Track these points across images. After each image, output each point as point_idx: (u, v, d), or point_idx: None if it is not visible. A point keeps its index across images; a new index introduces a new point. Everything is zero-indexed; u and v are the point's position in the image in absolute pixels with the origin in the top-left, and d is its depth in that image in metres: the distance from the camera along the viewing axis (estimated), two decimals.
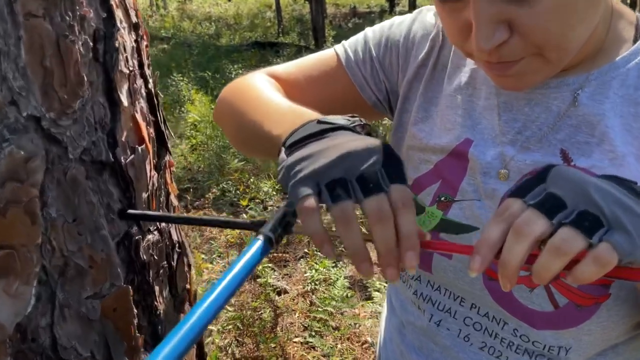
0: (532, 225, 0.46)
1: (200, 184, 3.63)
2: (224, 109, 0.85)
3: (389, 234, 0.49)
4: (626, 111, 0.63)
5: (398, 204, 0.49)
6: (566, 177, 0.48)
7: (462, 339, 0.75)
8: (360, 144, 0.52)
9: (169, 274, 0.72)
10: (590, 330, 0.65)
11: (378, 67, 0.83)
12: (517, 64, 0.60)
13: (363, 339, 2.29)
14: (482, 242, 0.48)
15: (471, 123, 0.73)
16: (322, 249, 0.51)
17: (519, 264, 0.47)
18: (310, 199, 0.50)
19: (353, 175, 0.51)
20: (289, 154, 0.55)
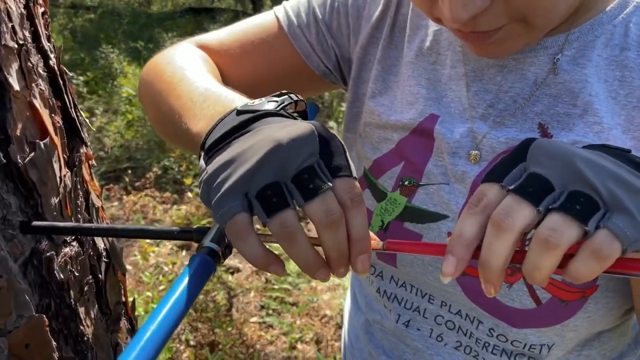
0: (514, 215, 0.37)
1: (140, 162, 3.43)
2: (144, 91, 0.72)
3: (341, 238, 0.41)
4: (611, 75, 0.54)
5: (346, 201, 0.41)
6: (549, 152, 0.39)
7: (434, 339, 0.67)
8: (288, 133, 0.41)
9: (96, 290, 0.60)
10: (576, 325, 0.57)
11: (325, 30, 0.71)
12: (496, 32, 0.50)
13: (322, 313, 2.23)
14: (456, 240, 0.39)
15: (436, 95, 0.63)
16: (269, 270, 0.42)
17: (503, 264, 0.38)
18: (238, 218, 0.40)
19: (286, 176, 0.41)
20: (208, 160, 0.44)
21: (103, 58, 5.28)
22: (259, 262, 0.41)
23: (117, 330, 0.63)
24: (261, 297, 2.32)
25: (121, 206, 2.91)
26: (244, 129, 0.45)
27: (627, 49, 0.54)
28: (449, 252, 0.40)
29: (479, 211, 0.39)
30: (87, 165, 0.62)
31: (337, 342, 2.08)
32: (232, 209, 0.40)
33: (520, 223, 0.37)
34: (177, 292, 0.39)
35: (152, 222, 2.78)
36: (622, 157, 0.40)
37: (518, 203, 0.38)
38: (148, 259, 2.48)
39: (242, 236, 0.41)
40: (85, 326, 0.57)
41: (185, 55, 0.71)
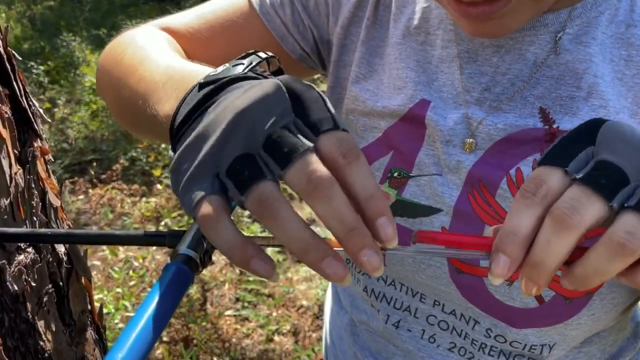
0: (582, 210, 0.31)
1: (106, 154, 3.31)
2: (102, 79, 0.64)
3: (339, 205, 0.31)
4: (617, 54, 0.51)
5: (337, 158, 0.33)
6: (625, 137, 0.33)
7: (426, 340, 0.63)
8: (250, 97, 0.34)
9: (57, 300, 0.54)
10: (580, 324, 0.54)
11: (301, 10, 0.65)
12: (501, 4, 0.45)
13: (299, 304, 2.19)
14: (510, 237, 0.33)
15: (426, 79, 0.58)
16: (251, 267, 0.33)
17: (557, 267, 0.32)
18: (205, 203, 0.33)
19: (257, 144, 0.33)
20: (176, 147, 0.37)
21: (64, 47, 5.10)
22: (235, 253, 0.33)
23: (83, 342, 0.58)
24: (236, 289, 2.27)
25: (87, 200, 2.80)
26: (206, 103, 0.38)
27: (634, 26, 0.51)
28: (500, 251, 0.33)
29: (538, 202, 0.33)
30: (42, 161, 0.56)
31: (315, 333, 2.04)
32: (198, 192, 0.34)
33: (589, 221, 0.31)
34: (148, 310, 0.33)
35: (121, 216, 2.69)
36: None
37: (587, 196, 0.32)
38: (117, 254, 2.40)
39: (212, 222, 0.33)
40: (46, 341, 0.51)
41: (146, 36, 0.64)
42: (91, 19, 6.77)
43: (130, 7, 7.77)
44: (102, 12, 7.35)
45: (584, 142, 0.35)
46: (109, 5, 8.09)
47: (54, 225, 0.56)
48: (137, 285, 2.20)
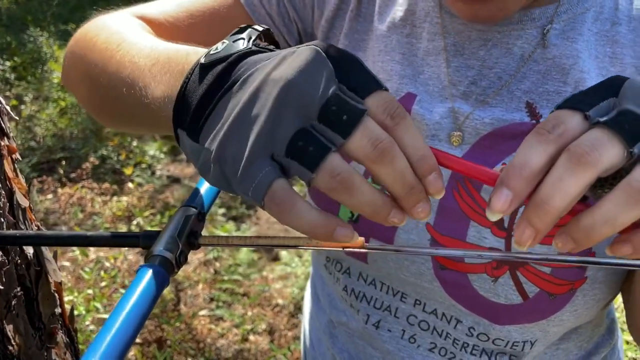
0: (601, 150, 0.30)
1: (75, 152, 3.24)
2: (72, 67, 0.61)
3: (402, 166, 0.32)
4: (602, 51, 0.51)
5: (386, 120, 0.33)
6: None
7: (407, 340, 0.62)
8: (291, 66, 0.33)
9: (26, 303, 0.53)
10: (562, 320, 0.55)
11: (287, 1, 0.64)
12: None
13: (274, 303, 2.18)
14: (517, 170, 0.31)
15: (412, 72, 0.58)
16: (337, 237, 0.33)
17: (566, 208, 0.30)
18: (276, 187, 0.32)
19: (311, 117, 0.32)
20: (198, 136, 0.35)
21: (31, 42, 4.97)
22: (321, 230, 0.32)
23: (53, 346, 0.56)
24: (210, 289, 2.24)
25: (56, 199, 2.74)
26: (225, 83, 0.35)
27: (618, 24, 0.52)
28: (504, 184, 0.31)
29: (553, 139, 0.32)
30: (9, 160, 0.54)
31: (291, 332, 2.04)
32: (264, 178, 0.32)
33: (607, 161, 0.30)
34: (123, 312, 0.32)
35: (91, 215, 2.64)
36: None
37: (609, 138, 0.31)
38: (88, 254, 2.35)
39: (288, 206, 0.32)
40: (15, 345, 0.50)
41: (120, 20, 0.61)
42: (59, 14, 6.61)
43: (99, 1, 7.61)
44: (71, 7, 7.19)
45: (604, 93, 0.34)
46: None
47: (22, 227, 0.54)
48: (109, 286, 2.16)
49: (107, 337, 0.32)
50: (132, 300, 0.35)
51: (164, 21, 0.64)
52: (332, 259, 0.66)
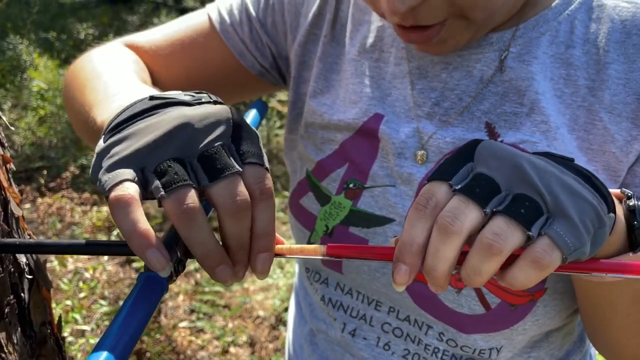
0: (461, 217, 0.35)
1: (55, 161, 3.21)
2: (64, 93, 0.68)
3: (244, 228, 0.37)
4: (557, 73, 0.54)
5: (255, 191, 0.37)
6: (496, 153, 0.38)
7: (381, 347, 0.65)
8: (200, 112, 0.38)
9: (18, 311, 0.53)
10: (525, 329, 0.57)
11: (259, 28, 0.68)
12: (436, 30, 0.49)
13: (255, 314, 2.18)
14: (407, 247, 0.37)
15: (380, 94, 0.61)
16: (147, 255, 0.35)
17: (449, 269, 0.36)
18: (124, 185, 0.35)
19: (192, 153, 0.37)
20: (107, 139, 0.39)
21: (11, 49, 4.91)
22: (136, 239, 0.35)
23: (44, 354, 0.57)
24: (191, 300, 2.23)
25: (34, 209, 2.71)
26: (153, 111, 0.41)
27: (572, 47, 0.54)
28: (400, 261, 0.37)
29: (429, 213, 0.37)
30: (4, 170, 0.55)
31: (272, 344, 2.04)
32: (120, 175, 0.36)
33: (468, 226, 0.36)
34: (122, 320, 0.34)
35: (70, 225, 2.61)
36: (566, 165, 0.39)
37: (466, 204, 0.36)
38: (66, 265, 2.32)
39: (124, 204, 0.35)
40: (8, 353, 0.50)
41: (108, 54, 0.67)
42: (39, 22, 6.55)
43: (80, 10, 7.57)
44: (51, 15, 7.13)
45: (465, 159, 0.39)
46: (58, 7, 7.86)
47: (16, 235, 0.54)
48: (88, 297, 2.13)
49: (107, 344, 0.33)
50: (131, 309, 0.36)
51: (149, 49, 0.71)
52: (311, 270, 0.69)
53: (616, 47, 0.53)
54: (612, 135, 0.52)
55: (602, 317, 0.55)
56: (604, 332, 0.57)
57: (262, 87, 0.74)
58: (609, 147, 0.52)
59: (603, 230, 0.37)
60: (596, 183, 0.38)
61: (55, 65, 4.43)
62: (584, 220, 0.35)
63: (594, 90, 0.53)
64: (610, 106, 0.52)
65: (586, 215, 0.36)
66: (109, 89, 0.53)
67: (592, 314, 0.56)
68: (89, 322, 1.99)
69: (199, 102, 0.43)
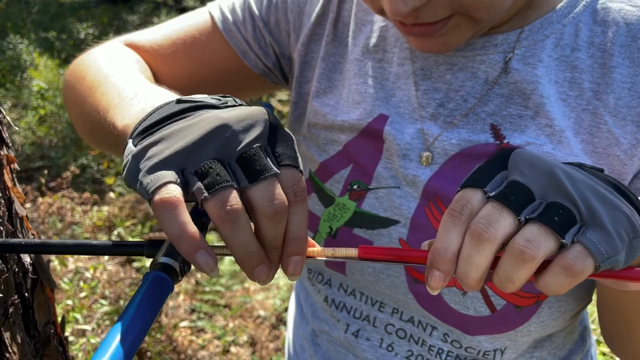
0: (495, 225, 0.35)
1: (55, 161, 3.21)
2: (67, 94, 0.67)
3: (281, 230, 0.37)
4: (562, 77, 0.54)
5: (289, 194, 0.37)
6: (531, 161, 0.38)
7: (385, 349, 0.65)
8: (240, 113, 0.38)
9: (22, 311, 0.53)
10: (530, 331, 0.58)
11: (262, 27, 0.67)
12: (439, 25, 0.48)
13: (256, 314, 2.18)
14: (442, 254, 0.37)
15: (384, 95, 0.61)
16: (196, 257, 0.35)
17: (482, 276, 0.36)
18: (168, 188, 0.35)
19: (231, 155, 0.37)
20: (138, 142, 0.39)
21: (11, 49, 4.91)
22: (185, 241, 0.35)
23: (48, 353, 0.57)
24: (191, 300, 2.23)
25: (35, 208, 2.70)
26: (182, 115, 0.40)
27: (577, 50, 0.54)
28: (434, 267, 0.38)
29: (464, 220, 0.37)
30: (8, 170, 0.55)
31: (272, 343, 2.04)
32: (163, 177, 0.36)
33: (502, 233, 0.36)
34: (129, 319, 0.34)
35: (70, 225, 2.61)
36: (597, 175, 0.39)
37: (500, 211, 0.36)
38: (66, 264, 2.32)
39: (170, 206, 0.35)
40: (12, 353, 0.50)
41: (111, 53, 0.66)
42: (39, 21, 6.55)
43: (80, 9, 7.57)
44: (51, 15, 7.13)
45: (499, 166, 0.40)
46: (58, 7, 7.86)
47: (20, 235, 0.55)
48: (89, 296, 2.13)
49: (112, 345, 0.33)
50: (137, 307, 0.36)
51: (149, 48, 0.70)
52: (314, 271, 0.69)
53: (621, 51, 0.52)
54: (617, 139, 0.52)
55: (627, 325, 0.55)
56: (627, 338, 0.57)
57: (264, 87, 0.74)
58: (613, 151, 0.52)
59: (638, 240, 0.37)
60: (627, 193, 0.39)
61: (55, 65, 4.43)
62: (618, 230, 0.36)
63: (599, 94, 0.53)
64: (615, 110, 0.52)
65: (620, 225, 0.36)
66: (123, 92, 0.52)
67: (616, 320, 0.56)
68: (90, 322, 1.99)
69: (225, 105, 0.43)
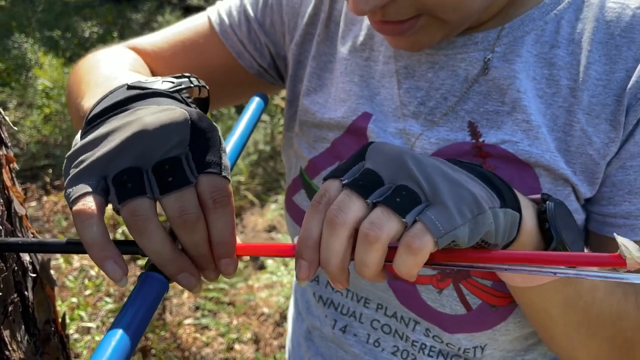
0: (345, 210, 0.37)
1: (60, 159, 3.23)
2: (66, 94, 0.69)
3: (198, 239, 0.38)
4: (539, 73, 0.54)
5: (207, 201, 0.38)
6: (383, 151, 0.39)
7: (372, 344, 0.65)
8: (161, 117, 0.39)
9: (22, 309, 0.54)
10: (508, 330, 0.57)
11: (257, 28, 0.69)
12: (408, 25, 0.49)
13: (260, 312, 2.19)
14: (304, 243, 0.38)
15: (369, 93, 0.61)
16: (105, 266, 0.37)
17: (342, 260, 0.37)
18: (85, 199, 0.37)
19: (149, 163, 0.38)
20: (84, 135, 0.41)
21: (16, 48, 4.93)
22: (95, 251, 0.37)
23: (48, 351, 0.57)
24: (195, 297, 2.24)
25: (40, 207, 2.72)
26: (125, 106, 0.42)
27: (557, 47, 0.54)
28: (299, 257, 0.39)
29: (322, 209, 0.39)
30: (7, 169, 0.55)
31: (276, 341, 2.04)
32: (82, 188, 0.37)
33: (352, 217, 0.37)
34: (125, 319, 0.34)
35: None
36: (467, 167, 0.40)
37: (349, 197, 0.37)
38: (71, 262, 2.34)
39: (84, 217, 0.36)
40: (11, 351, 0.51)
41: (108, 53, 0.69)
42: (44, 20, 6.57)
43: (84, 8, 7.59)
44: (56, 14, 7.15)
45: (359, 159, 0.41)
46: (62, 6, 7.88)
47: (20, 234, 0.55)
48: (93, 294, 2.14)
49: (110, 345, 0.33)
50: (133, 308, 0.36)
51: (151, 51, 0.72)
52: None
53: (599, 48, 0.52)
54: (590, 138, 0.52)
55: (544, 327, 0.55)
56: (552, 342, 0.56)
57: (261, 87, 0.75)
58: (586, 150, 0.52)
59: (483, 217, 0.37)
60: (495, 182, 0.40)
61: (60, 64, 4.44)
62: (460, 206, 0.36)
63: (575, 91, 0.52)
64: (588, 107, 0.52)
65: (463, 202, 0.37)
66: (98, 80, 0.55)
67: (538, 326, 0.56)
68: (95, 320, 2.00)
69: (177, 88, 0.45)
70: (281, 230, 2.66)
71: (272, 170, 3.19)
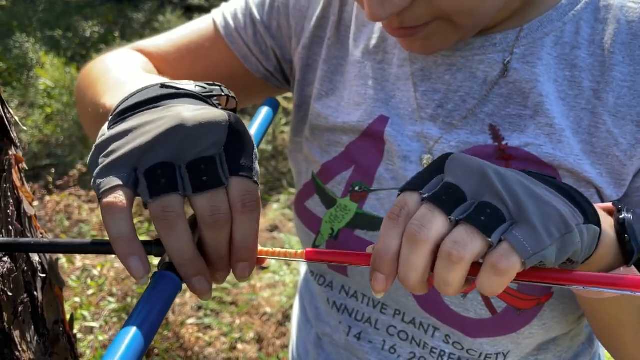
0: (428, 226, 0.36)
1: (62, 159, 3.23)
2: (76, 97, 0.69)
3: (222, 240, 0.38)
4: (561, 75, 0.53)
5: (237, 204, 0.38)
6: (464, 164, 0.38)
7: (387, 351, 0.64)
8: (199, 115, 0.38)
9: (32, 310, 0.54)
10: (532, 333, 0.57)
11: (263, 31, 0.68)
12: (423, 27, 0.49)
13: (262, 311, 2.19)
14: (382, 257, 0.37)
15: (384, 96, 0.61)
16: (128, 262, 0.36)
17: (422, 276, 0.36)
18: (116, 193, 0.36)
19: (183, 159, 0.38)
20: (112, 126, 0.40)
21: (17, 48, 4.93)
22: (121, 246, 0.37)
23: (57, 351, 0.57)
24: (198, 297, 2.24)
25: (42, 207, 2.72)
26: (158, 102, 0.41)
27: (578, 48, 0.54)
28: (377, 270, 0.38)
29: (401, 222, 0.38)
30: (17, 170, 0.55)
31: (279, 340, 2.04)
32: (113, 180, 0.37)
33: (435, 234, 0.36)
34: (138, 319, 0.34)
35: (78, 223, 2.62)
36: (544, 180, 0.39)
37: (432, 212, 0.36)
38: (74, 262, 2.34)
39: (114, 210, 0.36)
40: (21, 351, 0.51)
41: (117, 55, 0.69)
42: (45, 20, 6.57)
43: (85, 8, 7.58)
44: (57, 13, 7.15)
45: (437, 171, 0.40)
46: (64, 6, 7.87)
47: (29, 234, 0.55)
48: (96, 294, 2.15)
49: (123, 344, 0.33)
50: (146, 307, 0.36)
51: (157, 54, 0.72)
52: (315, 274, 0.69)
53: (622, 49, 0.52)
54: (616, 139, 0.52)
55: (614, 335, 0.54)
56: (620, 350, 0.56)
57: (267, 91, 0.74)
58: (612, 151, 0.52)
59: (571, 236, 0.36)
60: (575, 196, 0.39)
61: (61, 63, 4.44)
62: (547, 225, 0.35)
63: (598, 93, 0.52)
64: (614, 109, 0.52)
65: (550, 221, 0.36)
66: (120, 79, 0.54)
67: (605, 333, 0.56)
68: (98, 319, 2.00)
69: (209, 94, 0.44)
70: (283, 230, 2.66)
71: (274, 170, 3.19)
